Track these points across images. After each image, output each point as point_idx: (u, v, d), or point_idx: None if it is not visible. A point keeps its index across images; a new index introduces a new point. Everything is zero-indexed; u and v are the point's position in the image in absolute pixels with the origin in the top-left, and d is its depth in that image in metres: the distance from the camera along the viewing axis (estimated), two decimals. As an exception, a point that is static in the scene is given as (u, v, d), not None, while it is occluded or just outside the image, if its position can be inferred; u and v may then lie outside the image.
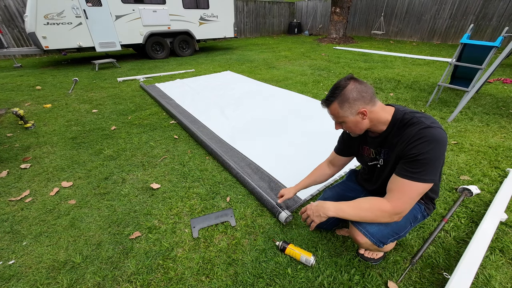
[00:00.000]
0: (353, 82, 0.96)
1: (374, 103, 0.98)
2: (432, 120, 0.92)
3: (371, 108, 0.97)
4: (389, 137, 1.01)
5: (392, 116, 0.99)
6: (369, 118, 0.99)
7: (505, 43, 6.01)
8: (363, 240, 1.05)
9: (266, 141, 2.48)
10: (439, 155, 0.87)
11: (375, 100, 0.98)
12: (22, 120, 2.82)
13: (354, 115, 0.98)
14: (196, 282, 1.21)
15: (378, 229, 1.03)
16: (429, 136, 0.86)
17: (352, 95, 0.95)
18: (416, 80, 4.51)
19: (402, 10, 9.88)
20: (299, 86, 4.29)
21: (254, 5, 12.21)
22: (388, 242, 1.05)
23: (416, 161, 0.88)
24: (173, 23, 6.92)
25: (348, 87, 0.95)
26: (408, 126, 0.93)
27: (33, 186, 1.90)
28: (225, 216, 1.59)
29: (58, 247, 1.40)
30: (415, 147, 0.88)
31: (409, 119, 0.94)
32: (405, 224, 1.07)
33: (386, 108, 1.01)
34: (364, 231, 1.04)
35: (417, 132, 0.89)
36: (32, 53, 7.47)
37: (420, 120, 0.91)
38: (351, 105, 0.96)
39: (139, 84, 4.53)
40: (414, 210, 1.12)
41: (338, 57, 6.86)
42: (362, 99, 0.95)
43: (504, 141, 2.40)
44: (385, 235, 1.04)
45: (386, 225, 1.03)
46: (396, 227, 1.05)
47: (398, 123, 0.97)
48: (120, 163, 2.17)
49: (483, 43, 2.89)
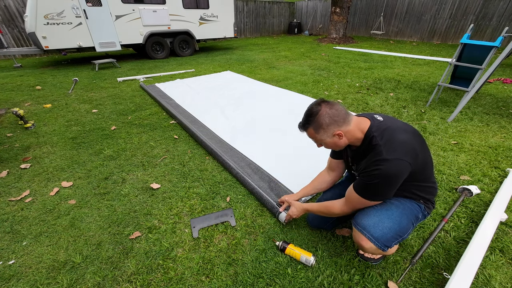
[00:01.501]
0: (324, 107, 1.01)
1: (348, 123, 1.03)
2: (392, 150, 0.93)
3: (345, 129, 1.03)
4: (360, 154, 1.08)
5: (365, 135, 1.03)
6: (346, 137, 1.05)
7: (505, 43, 6.01)
8: (367, 245, 1.05)
9: (266, 141, 2.48)
10: (386, 186, 0.98)
11: (348, 120, 1.03)
12: (22, 120, 2.82)
13: (330, 137, 1.05)
14: (196, 282, 1.21)
15: (382, 233, 1.03)
16: (381, 170, 0.93)
17: (325, 121, 1.01)
18: (416, 80, 4.51)
19: (402, 10, 9.88)
20: (299, 86, 4.29)
21: (254, 5, 12.21)
22: (392, 245, 1.06)
23: (367, 185, 1.01)
24: (173, 23, 6.92)
25: (320, 113, 1.01)
26: (371, 151, 0.99)
27: (33, 186, 1.90)
28: (225, 216, 1.59)
29: (58, 247, 1.40)
30: (368, 175, 0.98)
31: (374, 145, 0.98)
32: (407, 225, 1.08)
33: (361, 125, 1.04)
34: (369, 236, 1.04)
35: (372, 162, 0.96)
36: (32, 53, 7.47)
37: (379, 150, 0.95)
38: (325, 130, 1.03)
39: (139, 84, 4.53)
40: (415, 210, 1.12)
41: (338, 57, 6.86)
42: (335, 123, 1.01)
43: (504, 141, 2.40)
44: (389, 238, 1.03)
45: (390, 229, 1.03)
46: (399, 230, 1.05)
47: (367, 143, 1.02)
48: (120, 163, 2.17)
49: (483, 43, 2.89)
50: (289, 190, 1.78)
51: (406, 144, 0.95)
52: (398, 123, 1.05)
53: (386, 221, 1.04)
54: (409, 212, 1.10)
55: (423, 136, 1.11)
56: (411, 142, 0.97)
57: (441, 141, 2.42)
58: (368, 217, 1.07)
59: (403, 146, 0.94)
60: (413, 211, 1.11)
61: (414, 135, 1.02)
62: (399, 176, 0.96)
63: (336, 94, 3.83)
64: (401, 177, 0.96)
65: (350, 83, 4.43)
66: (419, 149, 0.98)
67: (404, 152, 0.93)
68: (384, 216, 1.06)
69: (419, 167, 1.00)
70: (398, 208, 1.09)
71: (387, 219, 1.05)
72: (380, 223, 1.04)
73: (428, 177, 1.10)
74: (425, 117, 2.96)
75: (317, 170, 1.59)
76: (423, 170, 1.05)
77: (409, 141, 0.97)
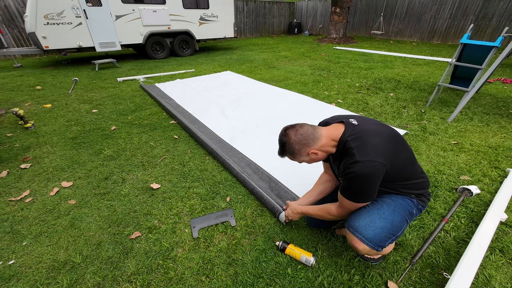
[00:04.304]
0: (290, 134, 1.07)
1: (318, 140, 1.06)
2: (365, 153, 0.96)
3: (317, 146, 1.07)
4: (337, 158, 1.10)
5: (338, 141, 1.06)
6: (321, 151, 1.09)
7: (505, 43, 6.02)
8: (361, 247, 1.05)
9: (266, 141, 2.48)
10: (366, 187, 1.00)
11: (317, 137, 1.06)
12: (22, 120, 2.82)
13: (307, 157, 1.10)
14: (196, 282, 1.21)
15: (374, 234, 1.03)
16: (355, 172, 0.96)
17: (295, 148, 1.07)
18: (416, 80, 4.51)
19: (402, 10, 9.88)
20: (299, 86, 4.29)
21: (254, 5, 12.20)
22: (387, 245, 1.05)
23: (348, 189, 1.04)
24: (173, 23, 6.92)
25: (289, 142, 1.07)
26: (345, 157, 1.02)
27: (33, 186, 1.90)
28: (225, 216, 1.59)
29: (58, 247, 1.40)
30: (346, 179, 1.01)
31: (347, 149, 1.01)
32: (400, 223, 1.08)
33: (333, 135, 1.07)
34: (361, 237, 1.04)
35: (347, 166, 0.99)
36: (32, 53, 7.47)
37: (352, 153, 0.98)
38: (299, 154, 1.09)
39: (139, 84, 4.53)
40: (409, 206, 1.11)
41: (338, 57, 6.86)
42: (305, 146, 1.06)
43: (504, 141, 2.40)
44: (382, 238, 1.03)
45: (382, 229, 1.03)
46: (391, 229, 1.05)
47: (341, 148, 1.05)
48: (120, 163, 2.17)
49: (483, 43, 2.89)
50: (289, 190, 1.78)
51: (378, 147, 0.98)
52: (373, 126, 1.06)
53: (378, 221, 1.04)
54: (401, 209, 1.09)
55: (403, 137, 1.11)
56: (384, 145, 1.00)
57: (441, 141, 2.42)
58: (360, 218, 1.07)
59: (376, 149, 0.97)
60: (406, 207, 1.11)
61: (389, 137, 1.04)
62: (374, 176, 0.97)
63: (336, 94, 3.83)
64: (376, 177, 0.98)
65: (350, 83, 4.43)
66: (392, 151, 1.01)
67: (375, 155, 0.96)
68: (376, 216, 1.06)
69: (397, 168, 1.02)
70: (389, 206, 1.09)
71: (378, 219, 1.05)
72: (372, 223, 1.04)
73: (412, 174, 1.11)
74: (425, 117, 2.96)
75: (317, 170, 1.59)
76: (403, 170, 1.07)
77: (381, 144, 0.99)
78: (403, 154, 1.07)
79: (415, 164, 1.14)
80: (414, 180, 1.12)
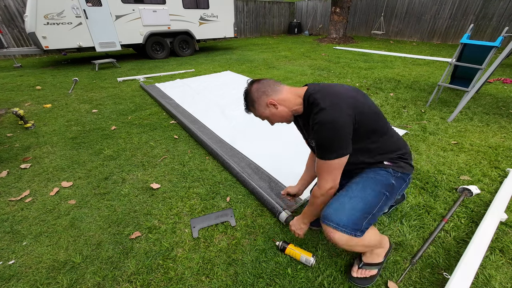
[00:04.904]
0: (254, 85, 1.09)
1: (277, 92, 1.07)
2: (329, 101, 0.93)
3: (277, 97, 1.06)
4: (306, 118, 1.06)
5: (303, 97, 1.04)
6: (282, 105, 1.07)
7: (505, 43, 6.02)
8: (337, 236, 0.95)
9: (266, 141, 2.48)
10: (336, 136, 0.92)
11: (277, 89, 1.07)
12: (22, 120, 2.82)
13: (267, 109, 1.09)
14: (196, 282, 1.21)
15: (346, 218, 0.95)
16: (321, 120, 0.92)
17: (255, 95, 1.08)
18: (416, 80, 4.51)
19: (402, 10, 9.88)
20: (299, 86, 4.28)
21: (254, 5, 12.20)
22: (364, 226, 0.96)
23: (320, 145, 0.97)
24: (173, 23, 6.92)
25: (251, 91, 1.09)
26: (311, 112, 0.99)
27: (33, 186, 1.90)
28: (225, 216, 1.59)
29: (58, 247, 1.40)
30: (315, 133, 0.96)
31: (311, 102, 0.99)
32: (375, 198, 0.99)
33: (297, 91, 1.07)
34: (334, 225, 0.95)
35: (313, 117, 0.96)
36: (32, 53, 7.47)
37: (317, 103, 0.95)
38: (259, 103, 1.09)
39: (139, 84, 4.53)
40: (382, 178, 1.02)
41: (338, 57, 6.86)
42: (263, 94, 1.07)
43: (504, 141, 2.40)
44: (356, 220, 0.95)
45: (354, 209, 0.95)
46: (365, 207, 0.97)
47: (307, 104, 1.03)
48: (120, 163, 2.17)
49: (483, 43, 2.89)
50: (289, 190, 1.78)
51: (342, 95, 0.96)
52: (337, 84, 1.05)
53: (348, 203, 0.98)
54: (372, 183, 1.01)
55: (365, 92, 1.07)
56: (348, 93, 0.98)
57: (441, 141, 2.42)
58: (329, 205, 1.00)
59: (340, 96, 0.95)
60: (379, 180, 1.01)
61: (354, 89, 1.02)
62: (340, 122, 0.91)
63: (336, 94, 3.82)
64: (343, 123, 0.91)
65: (350, 83, 4.43)
66: (360, 99, 0.98)
67: (339, 100, 0.94)
68: (345, 199, 0.99)
69: (365, 120, 0.97)
70: (358, 184, 1.03)
71: (348, 200, 0.99)
72: (341, 207, 0.97)
73: (381, 127, 1.04)
74: (425, 117, 2.96)
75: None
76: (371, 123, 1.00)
77: (345, 92, 0.98)
78: (370, 104, 1.01)
79: (383, 117, 1.05)
80: (386, 136, 1.04)
